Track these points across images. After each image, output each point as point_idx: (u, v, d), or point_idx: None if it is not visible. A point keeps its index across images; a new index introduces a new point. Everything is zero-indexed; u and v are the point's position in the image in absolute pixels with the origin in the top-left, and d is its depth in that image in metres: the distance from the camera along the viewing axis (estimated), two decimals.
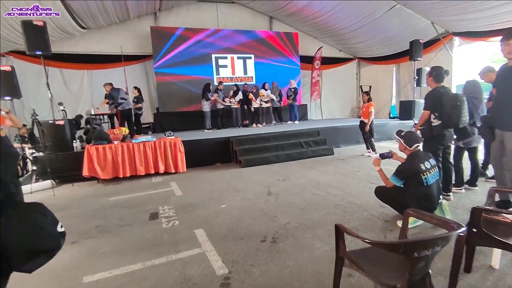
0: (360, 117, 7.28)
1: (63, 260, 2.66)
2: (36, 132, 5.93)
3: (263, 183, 4.94)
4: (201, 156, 6.65)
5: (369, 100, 6.70)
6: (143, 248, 2.83)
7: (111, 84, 7.44)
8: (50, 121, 5.87)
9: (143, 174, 5.86)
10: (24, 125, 6.97)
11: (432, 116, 3.48)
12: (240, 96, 9.57)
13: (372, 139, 6.77)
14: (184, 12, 10.51)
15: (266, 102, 9.61)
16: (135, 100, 8.25)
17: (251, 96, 9.54)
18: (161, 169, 5.98)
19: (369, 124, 6.56)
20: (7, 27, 6.75)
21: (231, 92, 9.51)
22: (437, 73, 3.51)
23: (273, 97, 9.77)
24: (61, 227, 1.27)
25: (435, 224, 1.60)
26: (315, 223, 3.15)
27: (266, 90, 9.63)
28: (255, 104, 9.54)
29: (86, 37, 9.13)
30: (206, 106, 8.91)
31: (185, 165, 6.16)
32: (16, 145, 6.34)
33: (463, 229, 1.34)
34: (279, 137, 7.29)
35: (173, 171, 6.03)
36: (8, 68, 5.47)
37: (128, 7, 8.64)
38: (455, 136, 3.78)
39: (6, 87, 5.40)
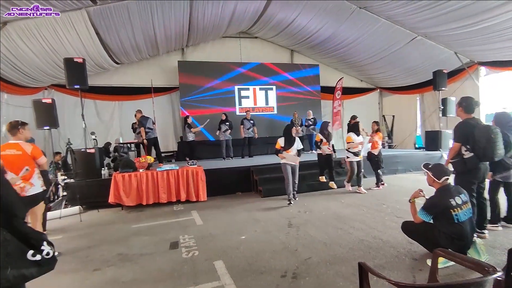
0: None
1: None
2: (69, 159, 6.27)
3: (284, 214, 4.85)
4: (221, 185, 6.69)
5: (377, 130, 6.66)
6: (162, 279, 2.82)
7: (141, 112, 7.88)
8: (82, 149, 6.21)
9: (165, 202, 5.96)
10: (59, 153, 7.41)
11: (463, 149, 3.30)
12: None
13: (379, 171, 6.55)
14: (210, 46, 11.15)
15: (355, 154, 6.18)
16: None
17: (319, 137, 6.49)
18: (183, 197, 6.05)
19: (377, 154, 6.53)
20: (50, 63, 7.45)
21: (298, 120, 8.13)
22: (467, 104, 3.39)
23: (364, 145, 6.61)
24: (34, 255, 1.37)
25: (468, 266, 1.49)
26: (338, 259, 3.02)
27: (358, 135, 6.32)
28: (326, 149, 6.42)
29: (119, 71, 9.82)
30: (221, 136, 9.23)
31: (206, 194, 6.20)
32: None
33: (499, 273, 1.25)
34: (300, 166, 7.19)
35: (194, 199, 6.08)
36: (49, 101, 5.97)
37: (158, 44, 9.30)
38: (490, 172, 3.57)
39: (46, 117, 5.87)
